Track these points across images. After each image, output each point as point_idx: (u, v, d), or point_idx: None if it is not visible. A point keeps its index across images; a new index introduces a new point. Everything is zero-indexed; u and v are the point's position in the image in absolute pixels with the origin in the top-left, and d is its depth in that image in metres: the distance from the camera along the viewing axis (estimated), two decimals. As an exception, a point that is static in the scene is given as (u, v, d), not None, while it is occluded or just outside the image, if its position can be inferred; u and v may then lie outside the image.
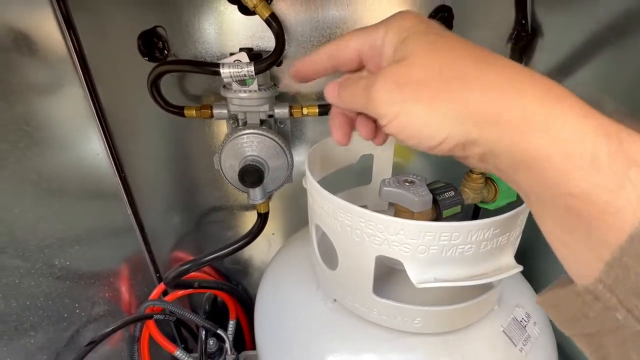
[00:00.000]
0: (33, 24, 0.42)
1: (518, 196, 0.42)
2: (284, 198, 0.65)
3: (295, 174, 0.55)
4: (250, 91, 0.43)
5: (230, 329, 0.70)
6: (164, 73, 0.43)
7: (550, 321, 0.41)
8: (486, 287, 0.35)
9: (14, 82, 0.39)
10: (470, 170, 0.42)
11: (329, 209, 0.29)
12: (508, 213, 0.25)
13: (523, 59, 0.51)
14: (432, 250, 0.25)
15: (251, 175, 0.45)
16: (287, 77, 0.52)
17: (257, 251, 0.72)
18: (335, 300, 0.35)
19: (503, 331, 0.33)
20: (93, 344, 0.50)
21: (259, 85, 0.43)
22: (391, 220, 0.25)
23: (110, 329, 0.53)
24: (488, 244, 0.26)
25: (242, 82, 0.43)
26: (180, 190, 0.64)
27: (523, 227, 0.29)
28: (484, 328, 0.33)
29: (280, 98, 0.54)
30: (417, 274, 0.26)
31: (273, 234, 0.69)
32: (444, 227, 0.24)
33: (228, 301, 0.71)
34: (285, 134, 0.55)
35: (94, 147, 0.53)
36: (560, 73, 0.46)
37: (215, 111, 0.47)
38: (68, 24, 0.45)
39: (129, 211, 0.61)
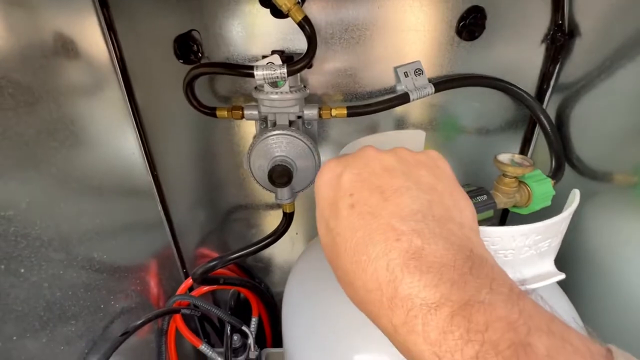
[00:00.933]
0: (79, 30, 0.44)
1: (552, 201, 0.42)
2: (309, 198, 0.65)
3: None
4: (281, 93, 0.44)
5: (252, 325, 0.71)
6: (200, 75, 0.45)
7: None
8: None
9: (62, 85, 0.42)
10: (503, 174, 0.41)
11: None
12: (551, 219, 0.25)
13: (559, 60, 0.50)
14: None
15: (281, 175, 0.46)
16: (315, 78, 0.52)
17: (280, 250, 0.73)
18: (365, 301, 0.36)
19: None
20: (127, 334, 0.52)
21: (290, 87, 0.44)
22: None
23: (142, 320, 0.55)
24: (529, 250, 0.26)
25: (274, 84, 0.43)
26: (207, 189, 0.66)
27: (564, 234, 0.28)
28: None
29: (308, 99, 0.54)
30: (455, 278, 0.26)
31: (297, 233, 0.69)
32: (484, 232, 0.24)
33: (251, 298, 0.73)
34: (312, 134, 0.55)
35: (130, 146, 0.55)
36: (599, 75, 0.45)
37: (247, 112, 0.48)
38: (110, 29, 0.47)
39: (160, 207, 0.63)
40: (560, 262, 0.52)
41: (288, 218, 0.57)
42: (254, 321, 0.72)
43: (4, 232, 0.34)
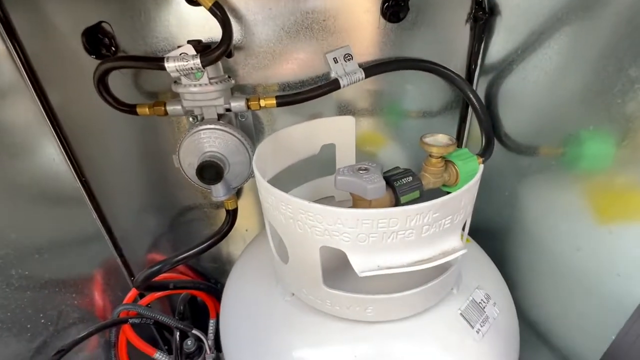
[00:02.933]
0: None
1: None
2: (256, 193, 0.64)
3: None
4: (201, 85, 0.42)
5: (211, 327, 0.69)
6: (109, 70, 0.41)
7: (514, 300, 0.41)
8: (442, 271, 0.35)
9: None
10: (430, 155, 0.41)
11: (272, 202, 0.28)
12: (447, 196, 0.25)
13: (483, 39, 0.50)
14: (372, 237, 0.25)
15: (209, 171, 0.44)
16: (245, 69, 0.50)
17: (234, 248, 0.71)
18: (293, 294, 0.35)
19: (461, 314, 0.33)
20: (62, 352, 0.49)
21: (209, 79, 0.42)
22: (327, 209, 0.24)
23: (79, 337, 0.52)
24: (430, 229, 0.25)
25: (191, 75, 0.41)
26: (149, 191, 0.63)
27: (471, 209, 0.28)
28: (441, 312, 0.33)
29: (241, 90, 0.52)
30: (360, 263, 0.25)
31: (247, 230, 0.68)
32: (380, 214, 0.24)
33: (207, 300, 0.71)
34: (248, 127, 0.53)
35: (49, 152, 0.51)
36: (521, 52, 0.46)
37: (169, 108, 0.46)
38: (6, 25, 0.43)
39: (95, 215, 0.59)
40: (501, 236, 0.54)
41: (231, 215, 0.56)
42: (212, 323, 0.70)
43: None
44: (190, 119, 0.50)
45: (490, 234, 0.54)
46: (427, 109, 0.59)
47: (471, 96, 0.51)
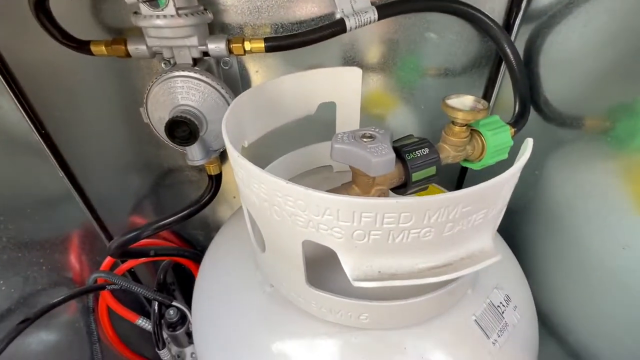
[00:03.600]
0: None
1: (510, 154, 0.35)
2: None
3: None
4: (166, 16, 0.33)
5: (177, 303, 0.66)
6: (46, -9, 0.32)
7: (535, 300, 0.35)
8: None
9: None
10: (453, 121, 0.33)
11: (242, 177, 0.21)
12: (486, 183, 0.17)
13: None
14: (374, 236, 0.18)
15: (180, 130, 0.36)
16: (230, 2, 0.40)
17: (221, 215, 0.65)
18: (272, 285, 0.29)
19: (475, 321, 0.27)
20: (27, 321, 0.45)
21: (177, 9, 0.32)
22: (312, 194, 0.17)
23: (48, 305, 0.48)
24: (455, 226, 0.18)
25: (154, 3, 0.32)
26: (125, 149, 0.56)
27: (509, 198, 0.21)
28: (452, 318, 0.27)
29: (223, 30, 0.42)
30: (355, 268, 0.19)
31: (234, 197, 0.61)
32: (389, 205, 0.16)
33: (192, 268, 0.67)
34: (232, 78, 0.44)
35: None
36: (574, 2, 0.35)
37: (131, 47, 0.36)
38: None
39: (61, 174, 0.53)
40: (520, 219, 0.48)
41: (215, 181, 0.49)
42: (184, 307, 0.67)
43: None
44: (163, 64, 0.40)
45: (506, 215, 0.47)
46: (449, 65, 0.49)
47: (507, 49, 0.41)
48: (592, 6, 0.35)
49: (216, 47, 0.37)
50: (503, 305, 0.29)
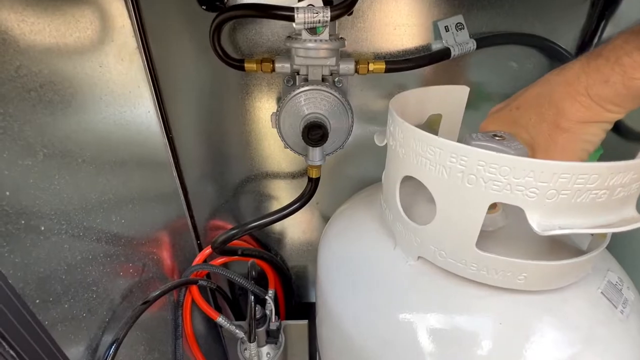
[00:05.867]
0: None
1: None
2: (330, 167, 0.63)
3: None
4: (319, 41, 0.41)
5: (271, 304, 0.70)
6: (229, 19, 0.41)
7: None
8: (579, 250, 0.34)
9: (72, 37, 0.37)
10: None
11: (434, 155, 0.27)
12: (652, 156, 0.23)
13: (605, 16, 0.47)
14: (563, 195, 0.23)
15: (316, 131, 0.43)
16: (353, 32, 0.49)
17: (299, 220, 0.71)
18: (418, 258, 0.34)
19: (601, 293, 0.31)
20: (147, 303, 0.49)
21: (329, 35, 0.41)
22: (521, 160, 0.23)
23: (162, 290, 0.52)
24: (622, 191, 0.24)
25: (313, 30, 0.40)
26: (218, 158, 0.63)
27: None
28: (582, 289, 0.31)
29: (346, 58, 0.51)
30: (541, 221, 0.24)
31: (317, 203, 0.67)
32: (584, 168, 0.22)
33: (267, 270, 0.71)
34: (343, 94, 0.52)
35: (146, 105, 0.51)
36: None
37: (277, 65, 0.45)
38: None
39: (175, 174, 0.59)
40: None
41: (314, 184, 0.55)
42: (270, 293, 0.70)
43: (24, 183, 0.31)
44: (286, 81, 0.48)
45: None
46: (513, 91, 0.56)
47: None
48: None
49: (346, 66, 0.45)
50: (619, 284, 0.33)
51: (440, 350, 0.29)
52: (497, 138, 0.34)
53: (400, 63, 0.46)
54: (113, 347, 0.42)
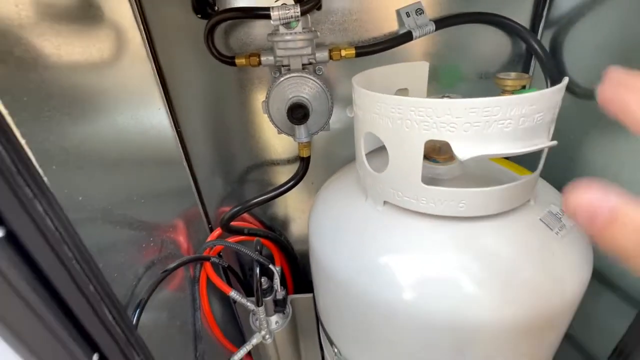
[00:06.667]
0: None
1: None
2: (322, 149, 0.70)
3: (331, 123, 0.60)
4: (294, 33, 0.48)
5: (277, 277, 0.76)
6: (220, 22, 0.49)
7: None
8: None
9: (95, 51, 0.46)
10: (504, 89, 0.44)
11: (380, 109, 0.34)
12: (541, 91, 0.29)
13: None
14: (476, 126, 0.30)
15: (298, 111, 0.50)
16: (325, 27, 0.56)
17: (298, 201, 0.78)
18: (385, 203, 0.40)
19: (540, 219, 0.37)
20: (167, 272, 0.57)
21: (302, 28, 0.48)
22: (439, 102, 0.29)
23: (179, 262, 0.60)
24: (526, 121, 0.30)
25: (288, 25, 0.48)
26: (224, 152, 0.71)
27: (557, 111, 0.32)
28: (523, 216, 0.37)
29: (322, 47, 0.58)
30: (462, 150, 0.30)
31: (312, 183, 0.74)
32: (486, 102, 0.28)
33: (273, 250, 0.78)
34: (324, 80, 0.59)
35: (157, 102, 0.60)
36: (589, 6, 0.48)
37: (263, 58, 0.52)
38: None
39: (185, 164, 0.68)
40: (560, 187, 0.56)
41: (305, 162, 0.62)
42: (278, 271, 0.77)
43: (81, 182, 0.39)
44: (276, 72, 0.56)
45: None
46: (484, 70, 0.61)
47: (536, 45, 0.54)
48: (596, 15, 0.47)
49: (321, 54, 0.52)
50: (560, 214, 0.38)
51: (404, 273, 0.36)
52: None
53: (368, 47, 0.53)
54: (140, 305, 0.50)
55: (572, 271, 0.36)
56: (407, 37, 0.53)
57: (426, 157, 0.44)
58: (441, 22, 0.53)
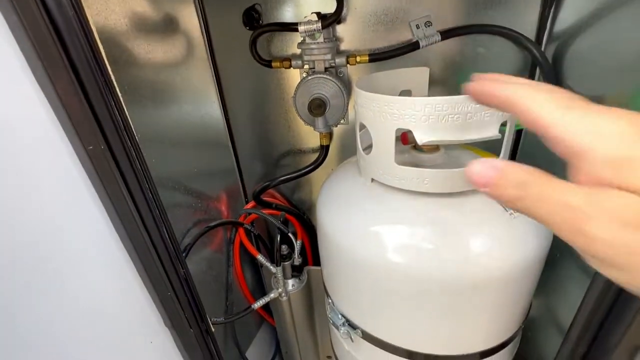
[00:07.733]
0: (178, 9, 0.65)
1: None
2: (341, 140, 0.81)
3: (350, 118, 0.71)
4: (317, 43, 0.60)
5: (297, 245, 0.89)
6: (262, 33, 0.63)
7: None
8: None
9: (175, 56, 0.63)
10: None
11: (368, 104, 0.44)
12: (486, 92, 0.37)
13: (553, 4, 0.58)
14: (432, 119, 0.39)
15: (317, 105, 0.62)
16: (347, 36, 0.67)
17: (319, 186, 0.89)
18: (372, 180, 0.50)
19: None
20: (208, 228, 0.73)
21: (324, 38, 0.60)
22: (405, 99, 0.39)
23: (219, 222, 0.76)
24: (474, 116, 0.38)
25: (312, 36, 0.60)
26: (262, 141, 0.85)
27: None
28: (483, 197, 0.44)
29: (342, 53, 0.70)
30: (421, 136, 0.40)
31: (332, 169, 0.85)
32: (438, 100, 0.37)
33: (296, 225, 0.91)
34: (345, 81, 0.70)
35: (212, 98, 0.76)
36: (593, 18, 0.52)
37: (293, 62, 0.65)
38: (201, 8, 0.68)
39: (230, 145, 0.84)
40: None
41: (325, 149, 0.74)
42: (298, 244, 0.90)
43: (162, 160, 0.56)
44: (304, 74, 0.69)
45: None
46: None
47: (539, 57, 0.59)
48: (598, 29, 0.51)
49: (339, 60, 0.63)
50: (521, 200, 0.45)
51: (384, 237, 0.46)
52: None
53: (380, 54, 0.62)
54: (187, 248, 0.66)
55: (519, 242, 0.43)
56: (414, 46, 0.61)
57: (415, 147, 0.53)
58: (447, 33, 0.61)
